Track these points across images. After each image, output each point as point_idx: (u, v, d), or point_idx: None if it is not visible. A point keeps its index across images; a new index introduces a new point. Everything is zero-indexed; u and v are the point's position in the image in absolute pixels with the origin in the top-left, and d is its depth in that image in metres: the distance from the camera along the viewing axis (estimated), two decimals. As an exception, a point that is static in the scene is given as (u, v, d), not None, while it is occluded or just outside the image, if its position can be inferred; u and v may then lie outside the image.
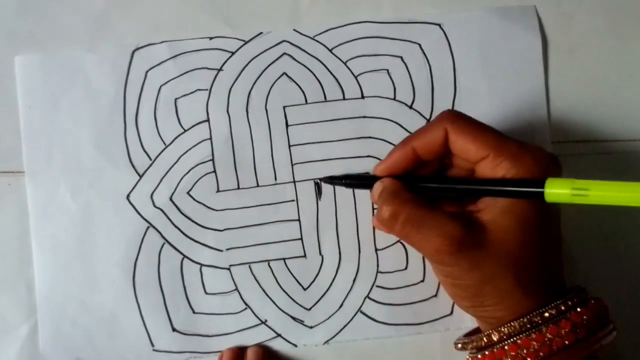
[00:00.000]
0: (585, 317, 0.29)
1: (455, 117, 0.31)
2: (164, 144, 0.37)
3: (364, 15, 0.38)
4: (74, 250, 0.37)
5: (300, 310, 0.37)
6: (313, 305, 0.37)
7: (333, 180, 0.36)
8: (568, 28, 0.39)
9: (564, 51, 0.38)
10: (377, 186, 0.33)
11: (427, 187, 0.32)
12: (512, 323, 0.30)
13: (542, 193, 0.28)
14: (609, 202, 0.26)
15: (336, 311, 0.37)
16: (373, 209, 0.37)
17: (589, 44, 0.39)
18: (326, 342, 0.37)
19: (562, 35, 0.38)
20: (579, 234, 0.37)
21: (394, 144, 0.37)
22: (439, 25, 0.38)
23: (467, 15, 0.38)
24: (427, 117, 0.37)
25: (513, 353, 0.29)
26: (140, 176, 0.37)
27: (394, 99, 0.37)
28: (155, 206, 0.37)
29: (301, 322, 0.37)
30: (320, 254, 0.37)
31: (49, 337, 0.36)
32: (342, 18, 0.38)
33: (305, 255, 0.37)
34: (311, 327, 0.37)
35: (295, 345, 0.37)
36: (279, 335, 0.37)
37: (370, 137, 0.37)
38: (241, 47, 0.38)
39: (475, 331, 0.34)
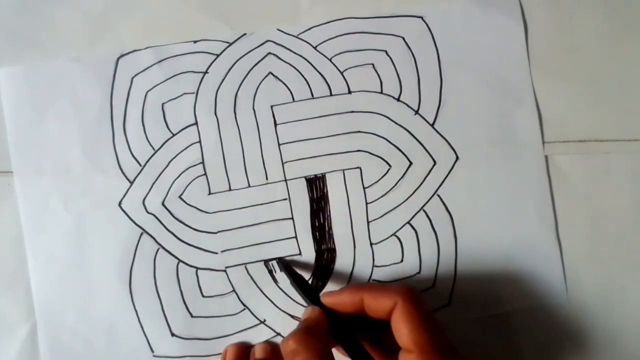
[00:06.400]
0: None
1: (408, 298, 0.30)
2: (153, 149, 0.37)
3: (365, 12, 0.38)
4: (69, 260, 0.37)
5: (299, 308, 0.37)
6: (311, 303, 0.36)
7: (285, 269, 0.36)
8: (568, 28, 0.39)
9: (564, 51, 0.38)
10: (308, 310, 0.33)
11: (346, 345, 0.31)
12: None
13: None
14: None
15: None
16: (367, 204, 0.37)
17: (589, 44, 0.39)
18: None
19: (562, 35, 0.39)
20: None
21: (383, 137, 0.37)
22: (421, 17, 0.38)
23: (449, 6, 0.38)
24: (415, 108, 0.37)
25: None
26: (131, 182, 0.37)
27: (381, 92, 0.38)
28: (147, 212, 0.37)
29: (300, 320, 0.36)
30: (315, 251, 0.37)
31: (49, 347, 0.36)
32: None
33: (300, 253, 0.37)
34: None
35: None
36: (278, 334, 0.37)
37: (359, 132, 0.37)
38: (226, 49, 0.38)
39: None
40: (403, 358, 0.30)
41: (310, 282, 0.37)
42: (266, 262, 0.37)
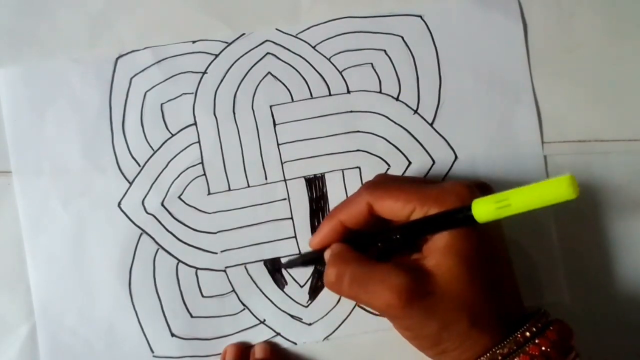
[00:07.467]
0: (543, 347, 0.30)
1: (373, 188, 0.33)
2: (152, 149, 0.38)
3: (364, 11, 0.39)
4: (68, 260, 0.37)
5: (298, 307, 0.37)
6: (310, 303, 0.37)
7: (289, 264, 0.37)
8: (568, 28, 0.39)
9: (564, 51, 0.39)
10: (326, 253, 0.34)
11: (369, 242, 0.33)
12: None
13: (472, 217, 0.28)
14: (531, 206, 0.26)
15: (334, 307, 0.37)
16: None
17: (589, 44, 0.39)
18: (325, 338, 0.37)
19: (562, 35, 0.39)
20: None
21: (382, 137, 0.38)
22: (420, 16, 0.39)
23: (448, 5, 0.39)
24: (414, 108, 0.38)
25: None
26: (130, 183, 0.38)
27: (380, 92, 0.38)
28: (147, 212, 0.37)
29: (299, 319, 0.37)
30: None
31: (49, 347, 0.37)
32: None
33: (300, 253, 0.37)
34: (310, 324, 0.37)
35: (295, 344, 0.37)
36: (278, 334, 0.37)
37: (358, 132, 0.38)
38: (225, 49, 0.38)
39: None
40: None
41: (310, 280, 0.37)
42: (266, 262, 0.37)
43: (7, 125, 0.38)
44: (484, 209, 0.27)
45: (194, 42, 0.38)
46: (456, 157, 0.38)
